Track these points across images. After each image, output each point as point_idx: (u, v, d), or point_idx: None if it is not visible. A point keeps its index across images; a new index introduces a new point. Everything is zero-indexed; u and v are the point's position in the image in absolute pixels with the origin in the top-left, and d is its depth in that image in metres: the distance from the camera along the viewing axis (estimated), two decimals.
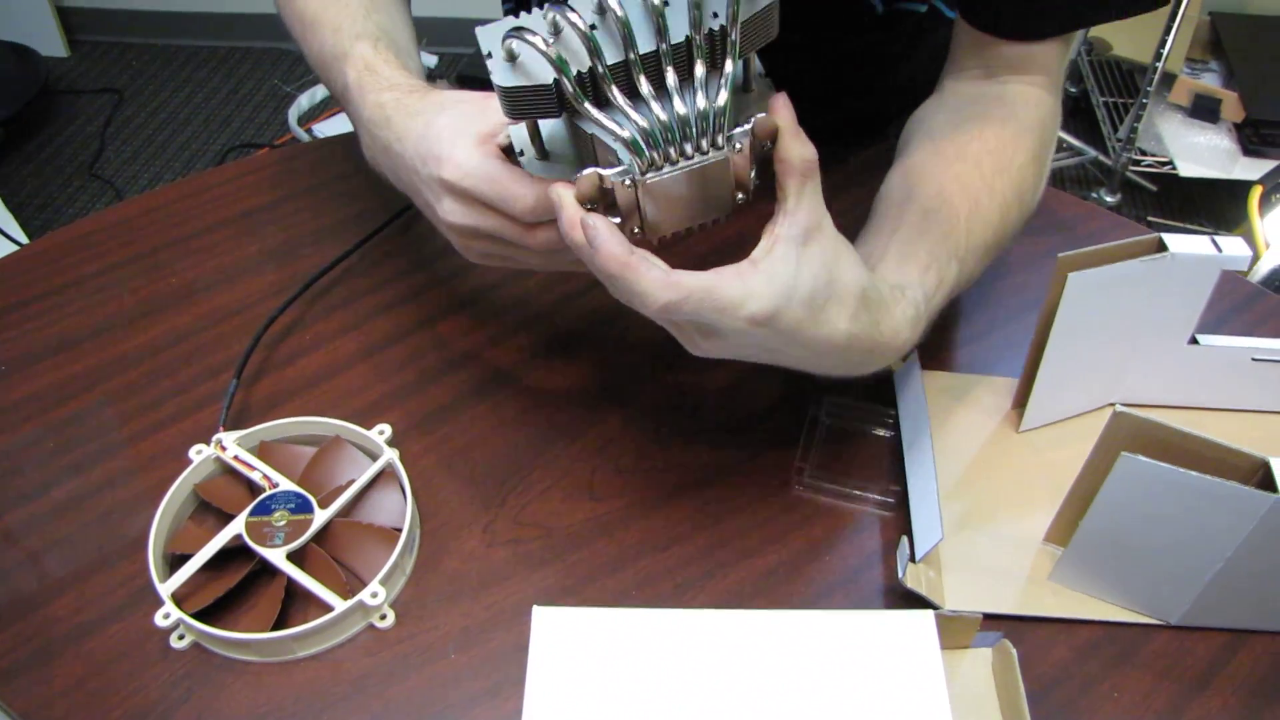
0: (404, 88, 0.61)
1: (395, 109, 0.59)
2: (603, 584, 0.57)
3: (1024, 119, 0.65)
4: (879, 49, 0.85)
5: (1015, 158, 0.63)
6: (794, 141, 0.47)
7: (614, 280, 0.47)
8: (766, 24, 0.49)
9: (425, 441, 0.64)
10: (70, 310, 0.74)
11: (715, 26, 0.47)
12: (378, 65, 0.63)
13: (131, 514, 0.61)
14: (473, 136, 0.55)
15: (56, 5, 2.73)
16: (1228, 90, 2.13)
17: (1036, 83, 0.67)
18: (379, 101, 0.60)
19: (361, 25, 0.66)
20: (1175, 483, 0.47)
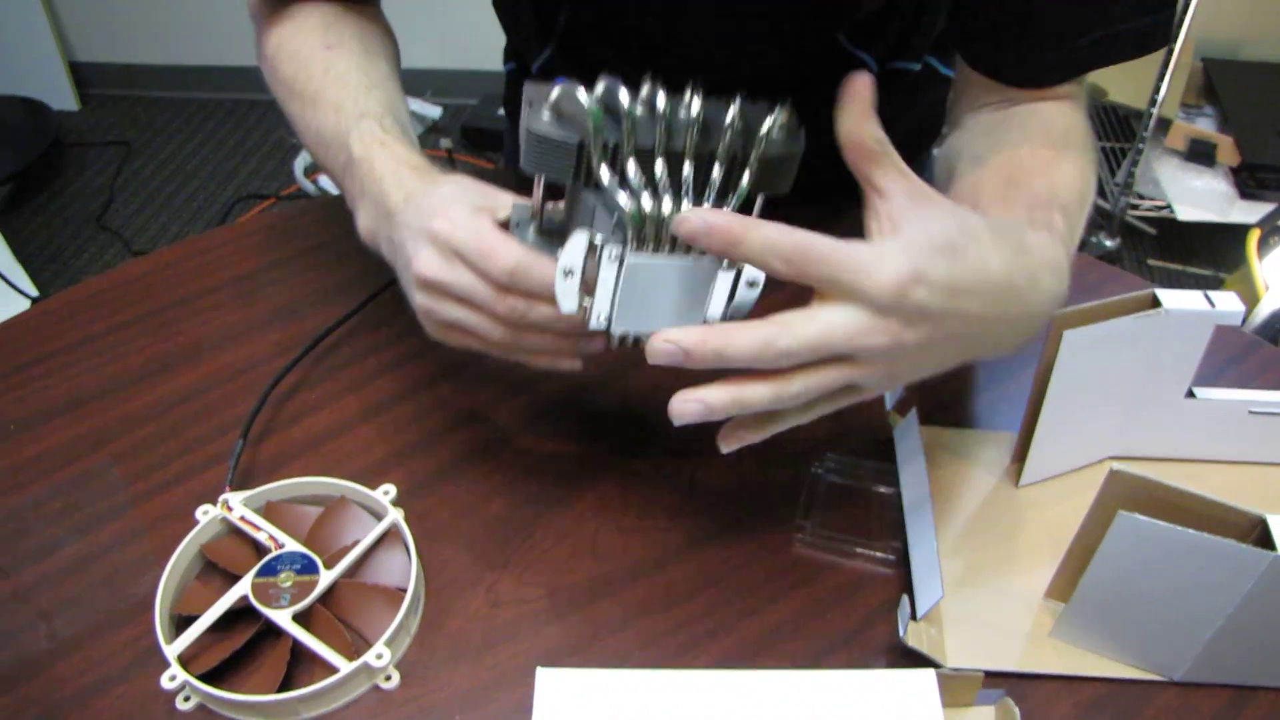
0: (421, 166, 0.62)
1: (410, 175, 0.61)
2: (606, 643, 0.58)
3: (1060, 125, 0.65)
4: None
5: (1069, 150, 0.62)
6: (865, 122, 0.46)
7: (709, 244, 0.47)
8: (786, 170, 0.51)
9: (429, 501, 0.65)
10: (79, 369, 0.75)
11: (739, 151, 0.49)
12: (388, 141, 0.64)
13: (138, 575, 0.62)
14: (471, 203, 0.56)
15: (68, 60, 2.78)
16: (1222, 135, 2.16)
17: (1061, 100, 0.67)
18: (394, 169, 0.61)
19: (364, 103, 0.66)
20: (1173, 541, 0.48)
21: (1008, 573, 0.59)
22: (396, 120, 0.66)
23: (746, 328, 0.46)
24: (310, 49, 0.71)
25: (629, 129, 0.48)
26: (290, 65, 0.72)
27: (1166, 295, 0.56)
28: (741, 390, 0.47)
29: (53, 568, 0.62)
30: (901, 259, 0.45)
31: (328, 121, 0.67)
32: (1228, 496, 0.63)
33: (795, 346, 0.46)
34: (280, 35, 0.74)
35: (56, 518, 0.65)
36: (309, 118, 0.69)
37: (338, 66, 0.70)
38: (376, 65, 0.72)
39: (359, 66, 0.70)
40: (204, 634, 0.57)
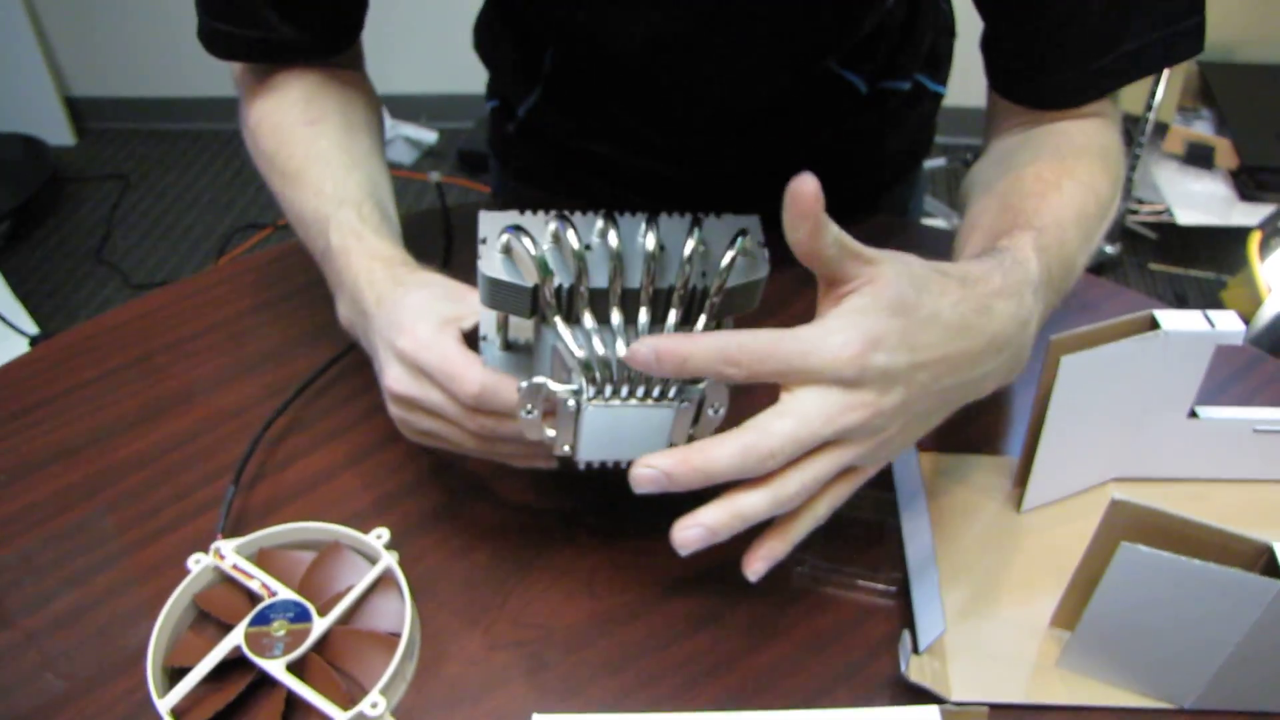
0: (394, 260, 0.62)
1: (382, 275, 0.61)
2: (605, 684, 0.57)
3: (1077, 143, 0.64)
4: (865, 127, 0.86)
5: (1078, 166, 0.61)
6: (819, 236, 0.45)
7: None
8: (750, 296, 0.52)
9: (424, 542, 0.64)
10: (70, 416, 0.74)
11: (700, 285, 0.49)
12: (364, 233, 0.64)
13: (131, 626, 0.61)
14: (438, 317, 0.56)
15: (64, 95, 2.79)
16: (1220, 138, 2.15)
17: (1086, 117, 0.66)
18: (368, 266, 0.62)
19: (344, 187, 0.66)
20: (1177, 571, 0.47)
21: (1011, 601, 0.58)
22: (377, 205, 0.67)
23: (724, 440, 0.45)
24: (291, 123, 0.71)
25: (580, 271, 0.49)
26: (272, 140, 0.72)
27: (1165, 316, 0.55)
28: (738, 503, 0.46)
29: (45, 621, 0.61)
30: (850, 330, 0.45)
31: (308, 205, 0.67)
32: (1232, 516, 0.62)
33: (777, 446, 0.45)
34: (263, 108, 0.74)
35: (48, 570, 0.64)
36: (290, 197, 0.69)
37: (319, 145, 0.70)
38: (358, 141, 0.72)
39: (340, 144, 0.70)
40: (197, 686, 0.56)
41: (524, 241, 0.49)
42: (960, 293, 0.48)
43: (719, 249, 0.50)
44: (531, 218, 0.51)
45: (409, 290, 0.58)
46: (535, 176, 0.97)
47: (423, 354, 0.54)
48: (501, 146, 0.99)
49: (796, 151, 0.85)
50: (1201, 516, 0.48)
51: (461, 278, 0.60)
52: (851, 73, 0.80)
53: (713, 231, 0.51)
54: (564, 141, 0.90)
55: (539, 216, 0.51)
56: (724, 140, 0.83)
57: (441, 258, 0.87)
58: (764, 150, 0.84)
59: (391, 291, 0.59)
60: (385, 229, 0.65)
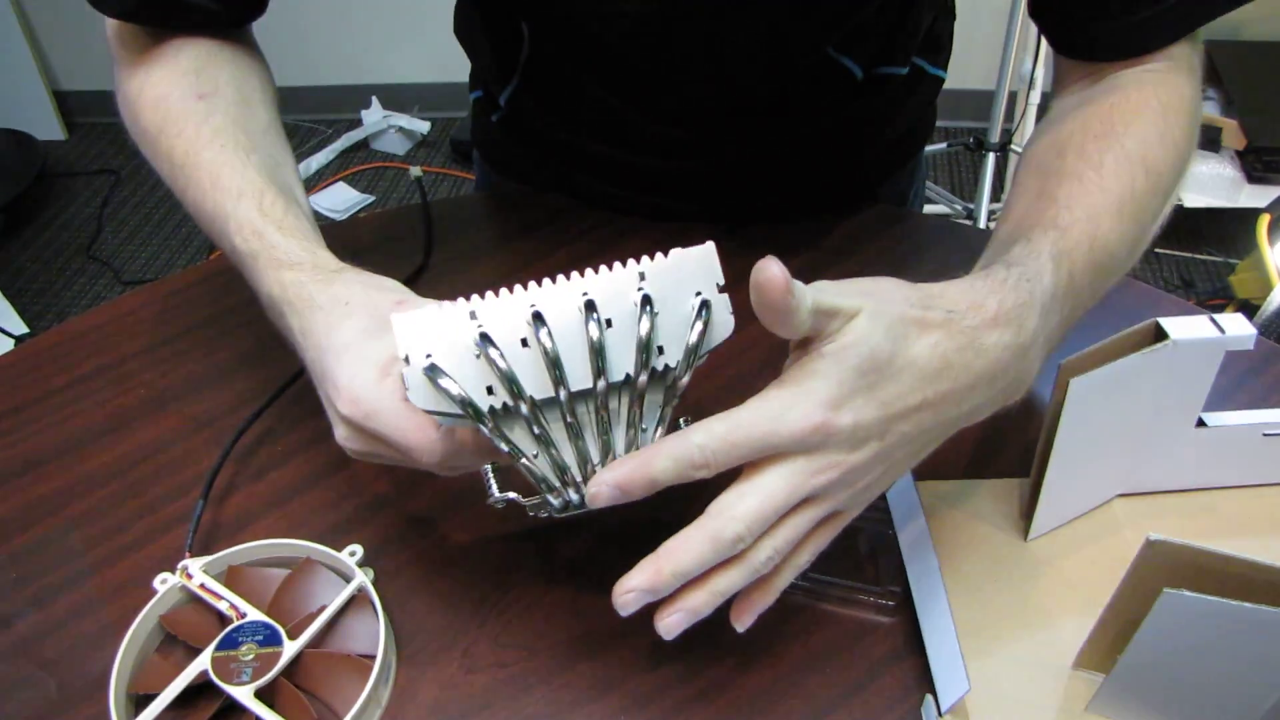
0: (305, 266, 0.56)
1: (297, 296, 0.55)
2: (590, 709, 0.54)
3: (1134, 100, 0.58)
4: (861, 114, 0.83)
5: (1128, 134, 0.56)
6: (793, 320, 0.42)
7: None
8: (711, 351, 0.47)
9: (401, 558, 0.61)
10: (37, 427, 0.72)
11: (660, 366, 0.45)
12: (268, 232, 0.58)
13: (95, 649, 0.58)
14: (373, 367, 0.49)
15: (53, 89, 2.76)
16: (1227, 119, 2.11)
17: (1148, 67, 0.60)
18: (279, 281, 0.56)
19: (243, 176, 0.60)
20: (1225, 615, 0.43)
21: (1029, 640, 0.54)
22: (280, 192, 0.60)
23: (690, 536, 0.43)
24: (181, 97, 0.65)
25: (515, 394, 0.44)
26: (155, 114, 0.65)
27: (1172, 325, 0.52)
28: (715, 584, 0.45)
29: (5, 644, 0.59)
30: (808, 401, 0.42)
31: (205, 199, 0.61)
32: (1243, 525, 0.59)
33: (744, 529, 0.43)
34: (146, 77, 0.67)
35: (11, 590, 0.62)
36: (181, 184, 0.63)
37: (212, 122, 0.63)
38: (255, 116, 0.66)
39: (236, 121, 0.64)
40: (163, 713, 0.53)
41: (444, 384, 0.44)
42: (941, 332, 0.44)
43: (672, 306, 0.45)
44: (450, 309, 0.45)
45: (331, 324, 0.52)
46: (517, 169, 0.94)
47: (369, 423, 0.49)
48: (484, 139, 0.96)
49: (789, 141, 0.82)
50: (1229, 540, 0.44)
51: (445, 273, 0.58)
52: (847, 58, 0.76)
53: (662, 284, 0.45)
54: (545, 132, 0.87)
55: (458, 309, 0.45)
56: (712, 130, 0.80)
57: (423, 254, 0.84)
58: (755, 140, 0.81)
59: (312, 319, 0.53)
60: (290, 221, 0.59)
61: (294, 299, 0.55)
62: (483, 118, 0.93)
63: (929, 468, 0.64)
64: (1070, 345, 0.52)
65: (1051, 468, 0.55)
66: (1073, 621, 0.54)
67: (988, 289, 0.47)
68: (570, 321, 0.44)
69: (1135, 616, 0.46)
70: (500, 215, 0.91)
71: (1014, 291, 0.47)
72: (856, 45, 0.76)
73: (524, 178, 0.93)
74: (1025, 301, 0.47)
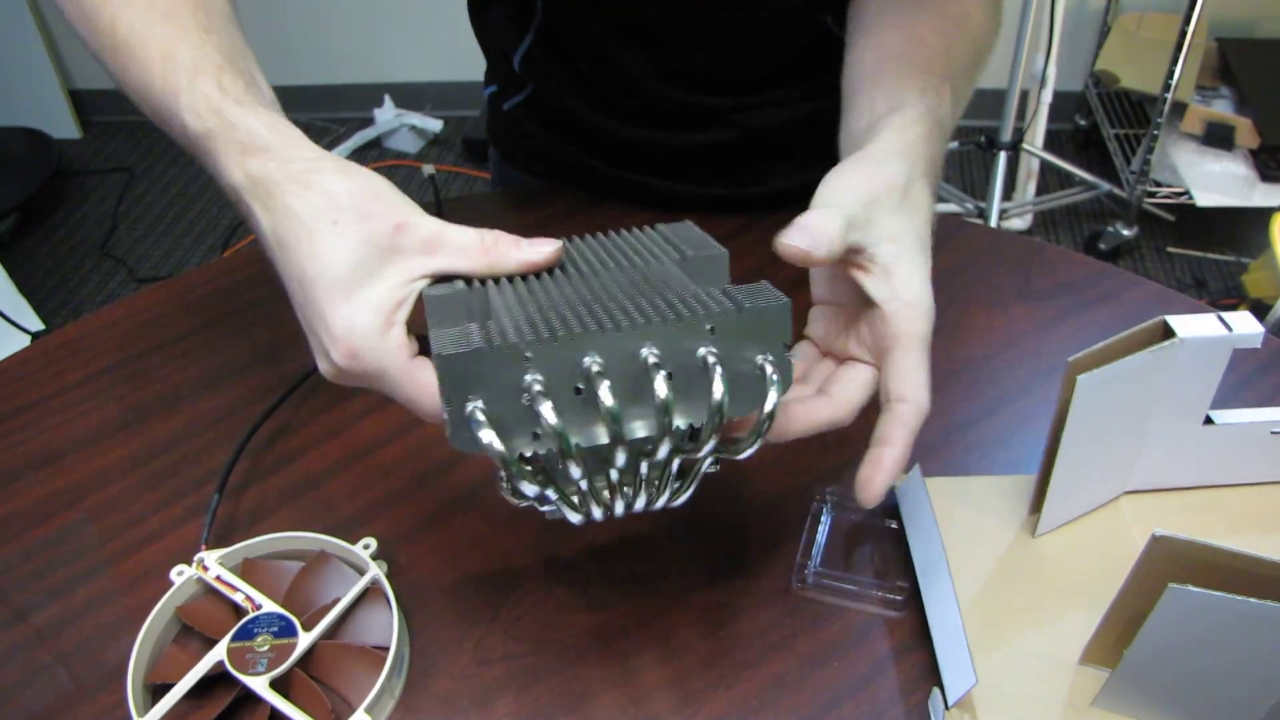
0: (273, 153, 0.48)
1: (267, 193, 0.48)
2: (600, 701, 0.54)
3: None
4: None
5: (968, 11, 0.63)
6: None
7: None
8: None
9: (414, 551, 0.62)
10: (54, 421, 0.72)
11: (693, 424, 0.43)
12: (229, 110, 0.50)
13: (112, 640, 0.59)
14: (375, 313, 0.45)
15: (68, 88, 2.78)
16: (1240, 117, 2.10)
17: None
18: (242, 169, 0.49)
19: (200, 52, 0.52)
20: (1229, 610, 0.44)
21: (1036, 635, 0.55)
22: (240, 72, 0.52)
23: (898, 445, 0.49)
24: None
25: (564, 452, 0.41)
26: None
27: (1179, 323, 0.52)
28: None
29: (24, 635, 0.60)
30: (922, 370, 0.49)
31: (154, 77, 0.52)
32: (1250, 522, 0.59)
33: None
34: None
35: (30, 580, 0.63)
36: (123, 61, 0.54)
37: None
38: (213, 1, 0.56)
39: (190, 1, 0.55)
40: (179, 703, 0.54)
41: (486, 437, 0.40)
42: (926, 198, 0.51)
43: (734, 363, 0.42)
44: (498, 355, 0.40)
45: (317, 247, 0.45)
46: (532, 161, 0.94)
47: (372, 382, 0.46)
48: (500, 131, 0.97)
49: (796, 120, 0.82)
50: (1236, 537, 0.44)
51: None
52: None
53: (730, 343, 0.42)
54: (558, 110, 0.87)
55: (509, 350, 0.40)
56: (725, 98, 0.80)
57: None
58: (768, 121, 0.82)
59: (289, 232, 0.47)
60: (251, 98, 0.51)
61: (263, 195, 0.48)
62: (498, 111, 0.94)
63: (937, 464, 0.64)
64: (1079, 343, 0.53)
65: (1059, 464, 0.55)
66: (1079, 617, 0.54)
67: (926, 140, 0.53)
68: (629, 371, 0.41)
69: (1141, 612, 0.46)
70: (515, 211, 0.92)
71: (935, 145, 0.54)
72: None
73: (538, 169, 0.94)
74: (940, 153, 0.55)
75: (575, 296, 0.45)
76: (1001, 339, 0.73)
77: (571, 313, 0.42)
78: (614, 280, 0.46)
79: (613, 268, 0.48)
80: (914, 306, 0.48)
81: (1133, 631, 0.47)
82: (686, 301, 0.42)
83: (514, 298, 0.45)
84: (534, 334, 0.40)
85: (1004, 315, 0.75)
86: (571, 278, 0.48)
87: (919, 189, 0.51)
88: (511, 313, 0.43)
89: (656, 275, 0.46)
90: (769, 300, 0.42)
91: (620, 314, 0.41)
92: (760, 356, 0.42)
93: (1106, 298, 0.76)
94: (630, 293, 0.44)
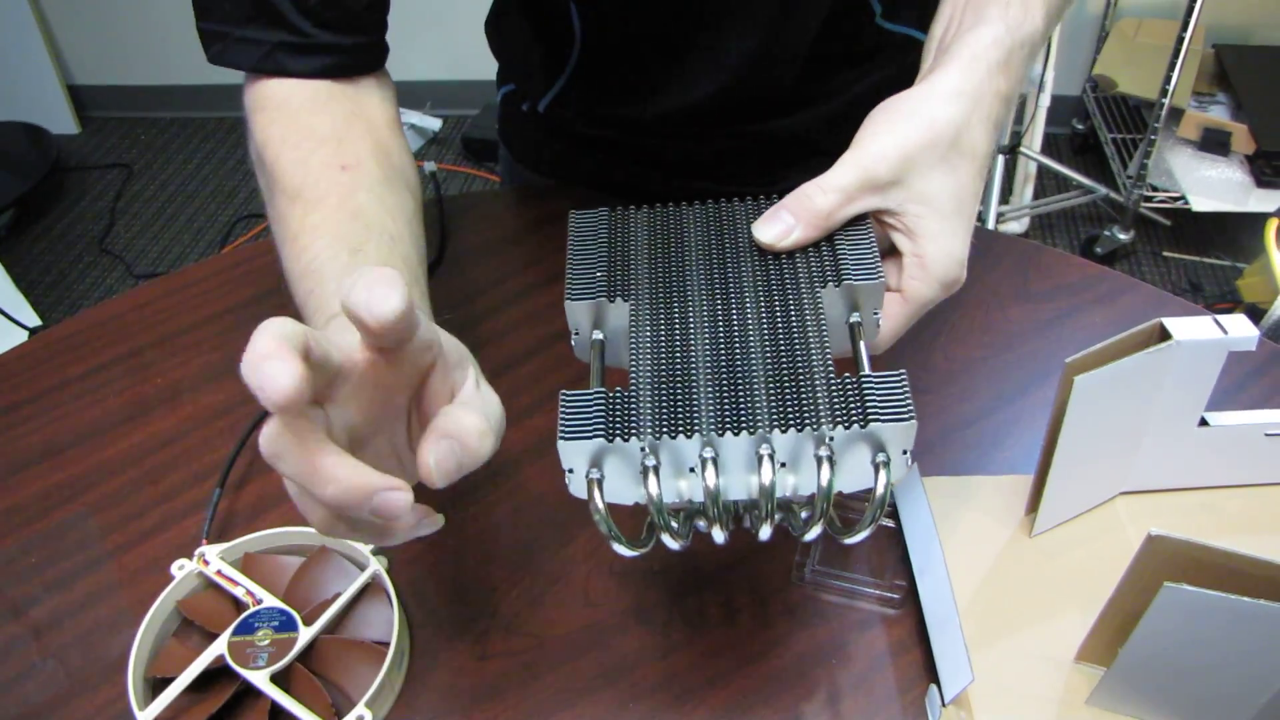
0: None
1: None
2: (599, 696, 0.55)
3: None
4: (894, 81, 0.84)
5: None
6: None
7: None
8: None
9: (414, 547, 0.62)
10: (56, 415, 0.73)
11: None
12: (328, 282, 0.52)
13: (113, 633, 0.59)
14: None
15: (67, 83, 2.77)
16: (1237, 123, 2.11)
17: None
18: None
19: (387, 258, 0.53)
20: (1224, 609, 0.44)
21: (1031, 633, 0.55)
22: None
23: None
24: (321, 163, 0.58)
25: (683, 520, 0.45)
26: (296, 173, 0.58)
27: (1175, 325, 0.52)
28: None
29: (25, 628, 0.60)
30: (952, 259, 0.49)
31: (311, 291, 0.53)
32: (1245, 524, 0.60)
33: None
34: (279, 126, 0.61)
35: (30, 574, 0.63)
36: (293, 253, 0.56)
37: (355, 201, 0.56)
38: (400, 199, 0.59)
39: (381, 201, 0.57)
40: (179, 696, 0.54)
41: (597, 510, 0.42)
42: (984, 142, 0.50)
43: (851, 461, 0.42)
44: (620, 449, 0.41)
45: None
46: (548, 165, 0.94)
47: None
48: (513, 133, 0.97)
49: (823, 113, 0.82)
50: (1230, 538, 0.45)
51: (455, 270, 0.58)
52: (899, 24, 0.77)
53: (847, 449, 0.42)
54: (590, 130, 0.87)
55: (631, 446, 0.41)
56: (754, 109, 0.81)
57: (436, 249, 0.85)
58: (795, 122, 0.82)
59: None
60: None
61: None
62: (512, 113, 0.94)
63: (935, 464, 0.65)
64: (1076, 344, 0.53)
65: (1055, 464, 0.55)
66: (1075, 616, 0.54)
67: (1004, 66, 0.51)
68: (741, 459, 0.42)
69: (1136, 611, 0.47)
70: (518, 208, 0.92)
71: (1016, 68, 0.51)
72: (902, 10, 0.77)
73: (552, 172, 0.94)
74: (1021, 74, 0.52)
75: (710, 361, 0.44)
76: (999, 340, 0.74)
77: (702, 390, 0.43)
78: (755, 338, 0.45)
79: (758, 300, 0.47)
80: (926, 268, 0.49)
81: (1128, 630, 0.48)
82: (815, 398, 0.42)
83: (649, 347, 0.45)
84: (653, 428, 0.41)
85: (1002, 316, 0.76)
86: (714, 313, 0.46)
87: (975, 134, 0.49)
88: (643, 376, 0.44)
89: (799, 333, 0.45)
90: (896, 413, 0.41)
91: (746, 402, 0.42)
92: (879, 455, 0.41)
93: (1103, 300, 0.76)
94: (766, 364, 0.43)
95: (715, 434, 0.41)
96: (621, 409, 0.42)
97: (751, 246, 0.49)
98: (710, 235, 0.50)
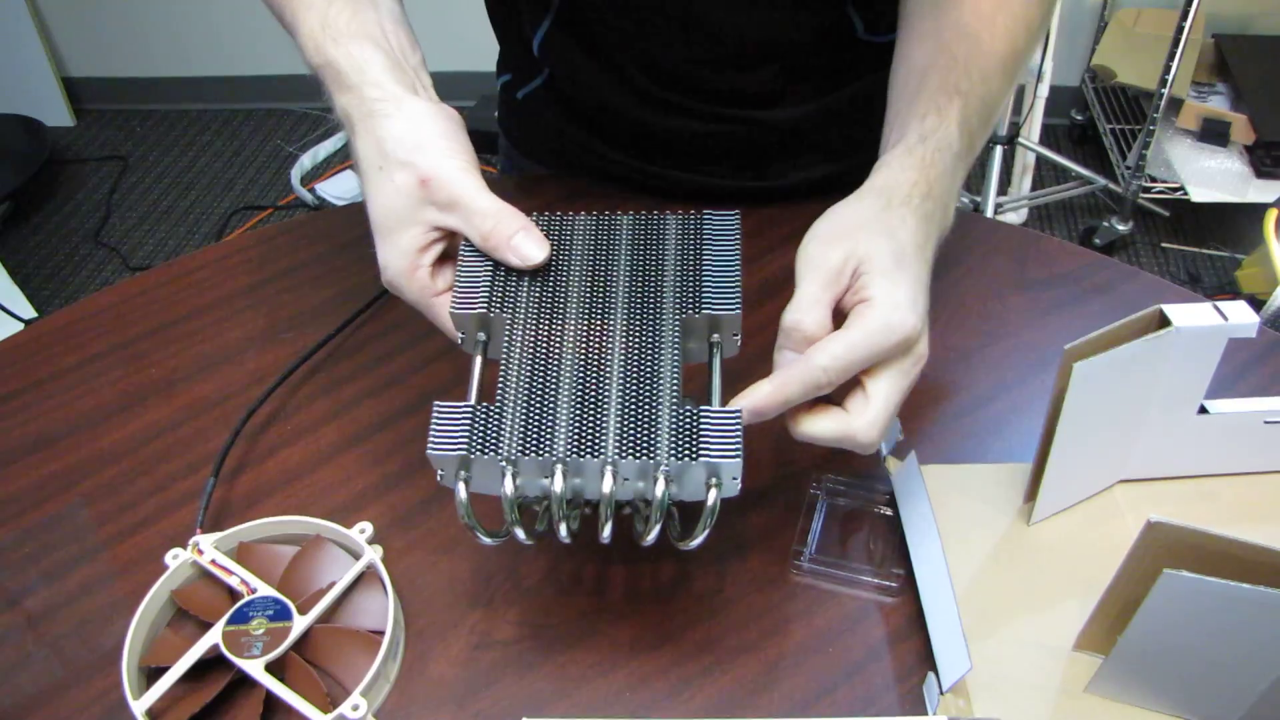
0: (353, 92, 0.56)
1: (352, 129, 0.56)
2: (595, 686, 0.55)
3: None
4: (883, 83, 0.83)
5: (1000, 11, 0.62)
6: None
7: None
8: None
9: (410, 536, 0.62)
10: (49, 405, 0.72)
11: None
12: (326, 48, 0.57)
13: (107, 623, 0.59)
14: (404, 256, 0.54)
15: (62, 75, 2.76)
16: (1236, 113, 2.11)
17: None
18: (340, 109, 0.57)
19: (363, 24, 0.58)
20: (1223, 596, 0.44)
21: (1030, 621, 0.55)
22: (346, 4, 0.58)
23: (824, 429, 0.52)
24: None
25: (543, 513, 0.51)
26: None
27: (1175, 312, 0.52)
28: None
29: (19, 618, 0.60)
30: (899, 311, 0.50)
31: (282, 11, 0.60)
32: (1245, 511, 0.60)
33: (877, 436, 0.51)
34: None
35: (24, 564, 0.62)
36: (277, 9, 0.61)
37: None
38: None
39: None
40: (174, 686, 0.54)
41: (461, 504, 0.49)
42: (914, 220, 0.53)
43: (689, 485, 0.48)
44: (487, 462, 0.47)
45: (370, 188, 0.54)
46: (545, 151, 0.94)
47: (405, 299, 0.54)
48: (511, 121, 0.96)
49: (814, 115, 0.81)
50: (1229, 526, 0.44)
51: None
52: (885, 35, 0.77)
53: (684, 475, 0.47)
54: (576, 96, 0.86)
55: (495, 460, 0.47)
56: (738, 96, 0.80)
57: None
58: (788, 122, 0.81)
59: (358, 166, 0.55)
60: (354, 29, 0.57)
61: (348, 131, 0.57)
62: (510, 100, 0.93)
63: (933, 452, 0.64)
64: (1074, 332, 0.53)
65: (1054, 452, 0.55)
66: (1074, 604, 0.54)
67: (919, 167, 0.56)
68: (593, 469, 0.47)
69: (1135, 598, 0.46)
70: (514, 195, 0.91)
71: (935, 166, 0.56)
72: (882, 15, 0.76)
73: (548, 159, 0.93)
74: (944, 171, 0.56)
75: (572, 383, 0.49)
76: (998, 328, 0.73)
77: (562, 412, 0.48)
78: (616, 362, 0.50)
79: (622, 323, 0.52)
80: (874, 305, 0.50)
81: (1126, 618, 0.47)
82: (658, 429, 0.47)
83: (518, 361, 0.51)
84: (516, 448, 0.47)
85: (1000, 305, 0.75)
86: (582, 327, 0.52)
87: (897, 214, 0.53)
88: (509, 392, 0.49)
89: (653, 362, 0.50)
90: (724, 451, 0.46)
91: (600, 427, 0.47)
92: (711, 479, 0.47)
93: (1102, 288, 0.76)
94: (621, 390, 0.49)
95: (568, 456, 0.46)
96: (485, 423, 0.47)
97: (629, 266, 0.53)
98: (595, 251, 0.55)
